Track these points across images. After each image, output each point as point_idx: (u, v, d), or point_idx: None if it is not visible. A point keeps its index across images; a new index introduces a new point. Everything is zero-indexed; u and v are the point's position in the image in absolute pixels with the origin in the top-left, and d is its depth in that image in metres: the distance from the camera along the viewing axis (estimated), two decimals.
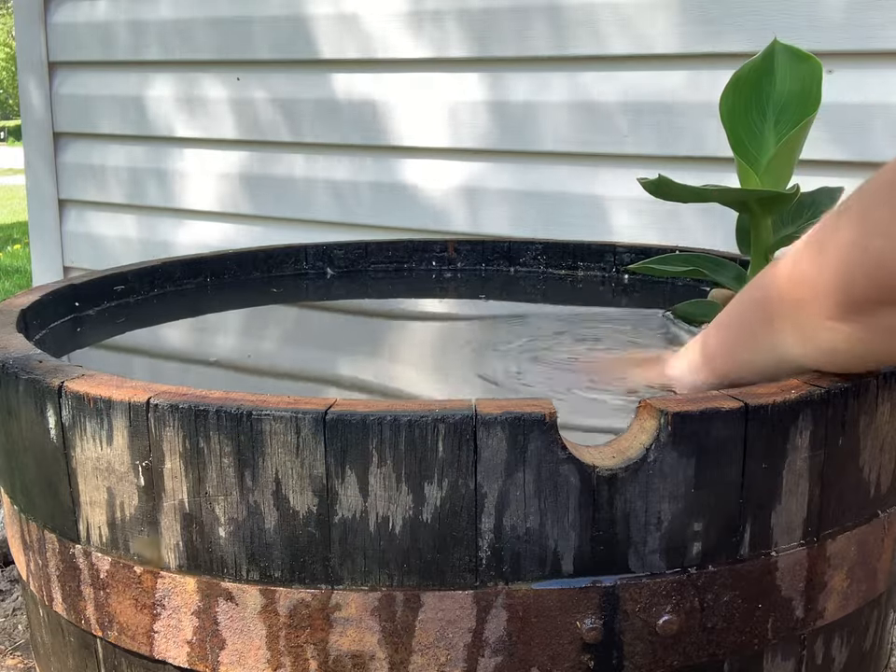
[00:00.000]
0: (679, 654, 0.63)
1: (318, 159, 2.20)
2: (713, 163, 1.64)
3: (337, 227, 2.17)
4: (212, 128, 2.34)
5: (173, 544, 0.64)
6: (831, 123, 1.52)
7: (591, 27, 1.79)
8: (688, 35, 1.70)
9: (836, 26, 1.57)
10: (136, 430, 0.63)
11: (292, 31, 2.15)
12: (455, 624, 0.61)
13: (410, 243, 1.36)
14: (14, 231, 7.62)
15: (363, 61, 2.08)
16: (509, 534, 0.60)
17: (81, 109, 2.56)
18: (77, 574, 0.69)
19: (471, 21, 1.92)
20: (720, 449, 0.61)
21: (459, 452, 0.58)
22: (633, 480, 0.60)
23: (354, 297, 1.23)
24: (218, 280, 1.24)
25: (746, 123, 0.91)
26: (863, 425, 0.68)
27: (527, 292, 1.24)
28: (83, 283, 1.08)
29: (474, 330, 1.04)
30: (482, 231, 1.98)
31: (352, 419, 0.58)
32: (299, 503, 0.60)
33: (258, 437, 0.60)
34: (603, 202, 1.84)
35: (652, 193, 0.94)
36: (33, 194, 2.71)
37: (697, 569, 0.63)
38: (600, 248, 1.30)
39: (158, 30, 2.37)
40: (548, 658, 0.61)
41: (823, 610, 0.69)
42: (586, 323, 1.05)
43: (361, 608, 0.61)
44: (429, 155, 2.04)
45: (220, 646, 0.64)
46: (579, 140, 1.84)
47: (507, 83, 1.92)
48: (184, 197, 2.43)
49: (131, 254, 2.48)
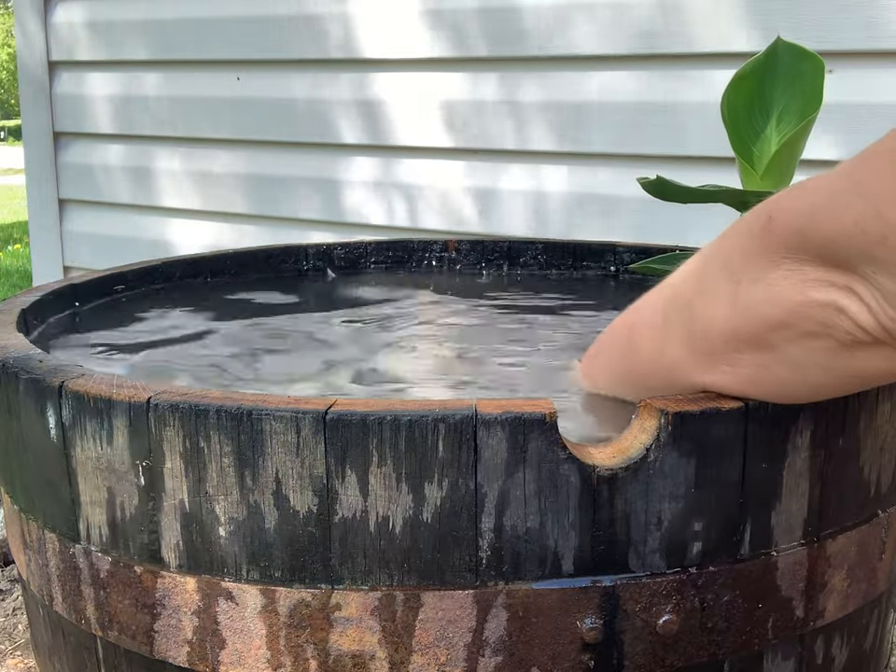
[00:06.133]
0: (680, 654, 0.63)
1: (319, 159, 2.20)
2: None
3: (337, 227, 2.17)
4: (212, 128, 2.34)
5: (173, 544, 0.64)
6: (831, 123, 1.52)
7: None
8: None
9: (837, 25, 1.57)
10: (137, 430, 0.62)
11: (293, 31, 2.15)
12: (456, 624, 0.61)
13: (410, 242, 1.36)
14: (14, 230, 7.62)
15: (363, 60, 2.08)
16: (509, 534, 0.60)
17: (81, 109, 2.56)
18: (77, 574, 0.69)
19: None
20: (720, 449, 0.61)
21: (459, 452, 0.58)
22: (633, 479, 0.60)
23: (354, 297, 1.23)
24: (218, 280, 1.24)
25: (747, 122, 0.91)
26: (863, 425, 0.68)
27: (525, 291, 1.24)
28: (83, 283, 1.08)
29: (459, 333, 1.04)
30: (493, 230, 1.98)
31: (352, 419, 0.58)
32: (299, 503, 0.60)
33: (258, 436, 0.60)
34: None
35: (652, 193, 0.94)
36: (33, 194, 2.71)
37: (697, 569, 0.63)
38: (600, 248, 1.30)
39: (158, 29, 2.37)
40: (548, 658, 0.61)
41: (823, 610, 0.69)
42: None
43: (361, 607, 0.61)
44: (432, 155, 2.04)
45: (220, 646, 0.64)
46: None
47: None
48: (184, 197, 2.43)
49: (131, 254, 2.48)
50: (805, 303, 0.55)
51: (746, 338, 0.60)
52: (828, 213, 0.53)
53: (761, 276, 0.57)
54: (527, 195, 1.94)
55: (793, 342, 0.57)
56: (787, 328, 0.57)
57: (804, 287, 0.55)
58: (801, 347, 0.57)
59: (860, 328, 0.54)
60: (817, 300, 0.55)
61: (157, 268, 1.19)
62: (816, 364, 0.58)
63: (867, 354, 0.55)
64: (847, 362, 0.56)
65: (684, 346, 0.65)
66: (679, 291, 0.67)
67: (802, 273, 0.55)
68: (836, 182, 0.54)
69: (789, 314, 0.56)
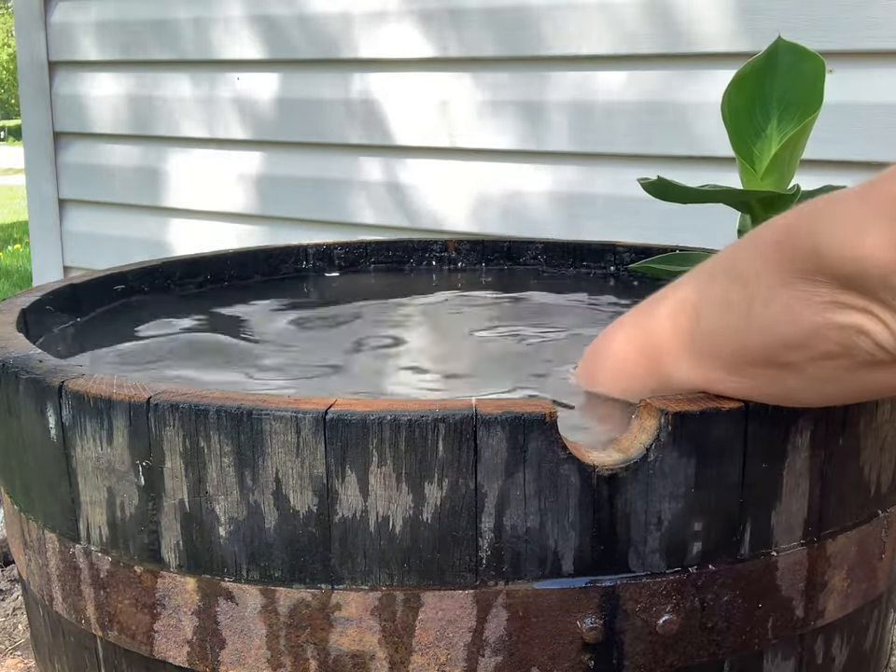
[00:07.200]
0: (679, 654, 0.63)
1: (321, 159, 2.20)
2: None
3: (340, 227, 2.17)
4: (212, 127, 2.34)
5: (173, 544, 0.64)
6: (832, 123, 1.52)
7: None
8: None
9: (837, 25, 1.57)
10: (136, 430, 0.62)
11: (295, 31, 2.15)
12: (456, 624, 0.61)
13: (410, 242, 1.36)
14: (14, 230, 7.63)
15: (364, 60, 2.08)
16: (509, 533, 0.60)
17: (81, 109, 2.56)
18: (77, 574, 0.69)
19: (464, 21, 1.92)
20: (720, 449, 0.61)
21: (459, 451, 0.58)
22: (633, 479, 0.60)
23: (353, 296, 1.23)
24: (218, 280, 1.24)
25: (748, 122, 0.91)
26: (863, 424, 0.68)
27: (523, 289, 1.24)
28: (83, 283, 1.08)
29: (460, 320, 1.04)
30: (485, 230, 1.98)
31: (352, 419, 0.58)
32: (299, 503, 0.60)
33: (258, 436, 0.60)
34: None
35: (652, 194, 0.94)
36: (33, 194, 2.71)
37: (697, 569, 0.63)
38: (601, 248, 1.30)
39: (158, 29, 2.37)
40: (548, 658, 0.61)
41: (823, 610, 0.69)
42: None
43: (361, 607, 0.61)
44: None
45: (220, 645, 0.64)
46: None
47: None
48: (184, 197, 2.43)
49: (131, 254, 2.48)
50: (825, 325, 0.54)
51: (758, 353, 0.59)
52: (845, 237, 0.51)
53: (775, 295, 0.56)
54: (528, 195, 1.94)
55: (810, 361, 0.56)
56: (804, 348, 0.56)
57: (822, 309, 0.54)
58: (817, 366, 0.56)
59: (881, 348, 0.53)
60: (836, 322, 0.53)
61: (157, 268, 1.19)
62: (830, 379, 0.57)
63: (885, 370, 0.54)
64: (863, 378, 0.56)
65: (690, 353, 0.64)
66: (686, 297, 0.66)
67: (818, 295, 0.54)
68: (854, 205, 0.52)
69: (807, 335, 0.55)
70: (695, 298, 0.65)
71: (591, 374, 0.78)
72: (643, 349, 0.70)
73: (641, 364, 0.70)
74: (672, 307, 0.68)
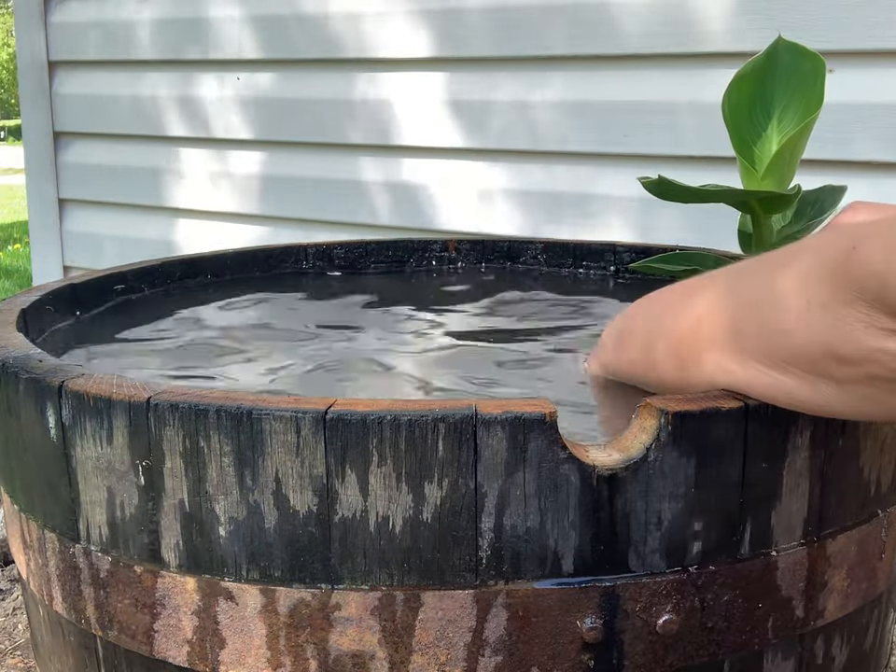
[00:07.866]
0: (679, 654, 0.63)
1: (321, 159, 2.20)
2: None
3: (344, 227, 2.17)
4: (212, 127, 2.34)
5: (173, 544, 0.64)
6: (832, 123, 1.52)
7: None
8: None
9: (837, 25, 1.57)
10: (136, 430, 0.62)
11: (295, 30, 2.15)
12: (456, 624, 0.61)
13: (410, 242, 1.36)
14: (14, 230, 7.63)
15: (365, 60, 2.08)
16: (509, 533, 0.60)
17: (81, 109, 2.56)
18: (76, 573, 0.69)
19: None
20: (720, 448, 0.61)
21: (459, 451, 0.58)
22: (633, 479, 0.60)
23: (353, 296, 1.23)
24: (218, 279, 1.24)
25: (748, 122, 0.91)
26: (863, 425, 0.68)
27: (524, 289, 1.24)
28: (83, 283, 1.08)
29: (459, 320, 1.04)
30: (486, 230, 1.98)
31: (352, 419, 0.58)
32: (299, 503, 0.60)
33: (258, 436, 0.60)
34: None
35: (653, 193, 0.94)
36: (33, 194, 2.71)
37: (697, 569, 0.63)
38: (600, 248, 1.30)
39: (158, 29, 2.37)
40: (548, 658, 0.61)
41: (823, 610, 0.69)
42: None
43: (361, 607, 0.61)
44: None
45: (220, 645, 0.64)
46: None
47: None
48: (185, 197, 2.43)
49: (131, 254, 2.48)
50: (878, 350, 0.53)
51: (802, 356, 0.58)
52: None
53: (831, 309, 0.55)
54: (527, 195, 1.94)
55: (854, 378, 0.56)
56: (852, 365, 0.55)
57: (878, 334, 0.53)
58: (860, 384, 0.56)
59: None
60: (891, 350, 0.53)
61: (157, 268, 1.19)
62: (870, 398, 0.57)
63: None
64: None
65: (727, 342, 0.63)
66: (730, 285, 0.66)
67: (877, 321, 0.53)
68: None
69: (857, 354, 0.55)
70: (744, 288, 0.64)
71: (612, 361, 0.78)
72: (672, 337, 0.69)
73: (668, 353, 0.70)
74: (713, 295, 0.67)
